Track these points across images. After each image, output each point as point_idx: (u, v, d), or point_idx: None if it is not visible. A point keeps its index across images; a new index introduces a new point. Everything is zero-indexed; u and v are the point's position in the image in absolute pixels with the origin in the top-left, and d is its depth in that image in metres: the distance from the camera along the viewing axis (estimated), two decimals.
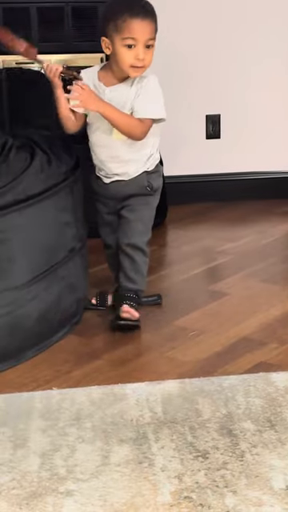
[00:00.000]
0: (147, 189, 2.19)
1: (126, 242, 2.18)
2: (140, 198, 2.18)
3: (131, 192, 2.18)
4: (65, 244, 2.15)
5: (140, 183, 2.18)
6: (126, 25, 1.99)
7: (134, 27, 2.00)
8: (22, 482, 1.45)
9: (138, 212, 2.18)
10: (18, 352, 1.97)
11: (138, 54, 2.02)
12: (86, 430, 1.64)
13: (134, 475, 1.46)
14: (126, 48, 2.01)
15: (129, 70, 2.05)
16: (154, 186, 2.20)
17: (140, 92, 2.09)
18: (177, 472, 1.47)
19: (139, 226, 2.18)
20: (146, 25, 2.02)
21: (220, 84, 3.62)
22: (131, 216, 2.18)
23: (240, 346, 2.08)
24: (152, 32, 2.04)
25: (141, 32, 2.01)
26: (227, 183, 3.70)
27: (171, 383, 1.84)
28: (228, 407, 1.72)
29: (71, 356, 2.03)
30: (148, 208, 2.20)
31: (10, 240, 1.95)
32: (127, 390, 1.81)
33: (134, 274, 2.19)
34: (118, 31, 2.00)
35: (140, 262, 2.20)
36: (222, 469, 1.48)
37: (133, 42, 2.01)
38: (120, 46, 2.01)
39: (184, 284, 2.61)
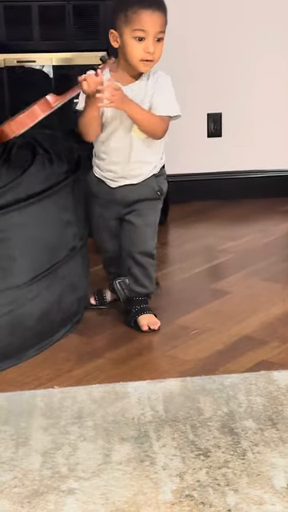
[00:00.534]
0: (158, 193, 2.17)
1: (137, 250, 2.16)
2: (148, 202, 2.16)
3: (140, 197, 2.15)
4: (66, 243, 2.15)
5: (150, 187, 2.15)
6: (136, 16, 1.96)
7: (145, 19, 1.96)
8: (24, 480, 1.46)
9: (146, 217, 2.16)
10: (19, 351, 1.97)
11: (148, 47, 1.98)
12: (87, 428, 1.64)
13: (136, 473, 1.46)
14: (136, 40, 1.98)
15: (138, 63, 2.01)
16: (164, 190, 2.19)
17: (155, 88, 2.06)
18: (178, 470, 1.47)
19: (149, 232, 2.17)
20: (157, 17, 1.99)
21: (221, 82, 3.62)
22: (139, 221, 2.15)
23: (241, 344, 2.08)
24: (162, 25, 2.01)
25: (151, 24, 1.97)
26: (229, 181, 3.71)
27: (173, 382, 1.84)
28: (229, 406, 1.72)
29: (72, 355, 2.03)
30: (155, 212, 2.19)
31: (10, 239, 1.95)
32: (129, 389, 1.81)
33: (145, 279, 2.20)
34: (128, 23, 1.97)
35: (149, 266, 2.21)
36: (224, 467, 1.48)
37: (143, 35, 1.97)
38: (129, 38, 1.98)
39: (185, 283, 2.61)
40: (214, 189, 3.69)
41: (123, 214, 2.18)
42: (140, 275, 2.19)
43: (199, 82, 3.60)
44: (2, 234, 1.94)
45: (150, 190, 2.16)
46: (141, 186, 2.15)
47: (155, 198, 2.18)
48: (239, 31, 3.59)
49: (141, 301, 2.21)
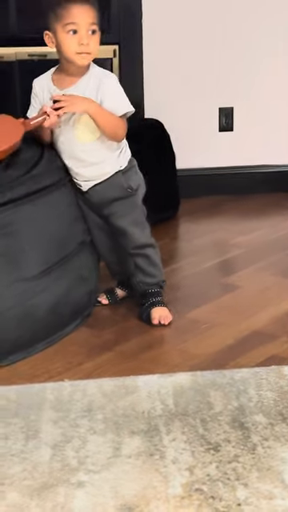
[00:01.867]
0: (128, 190, 2.15)
1: (132, 247, 2.18)
2: (123, 201, 2.15)
3: (113, 196, 2.14)
4: (75, 237, 2.15)
5: (119, 185, 2.13)
6: (65, 11, 1.95)
7: (75, 12, 1.95)
8: (34, 472, 1.46)
9: (128, 216, 2.16)
10: (29, 344, 1.97)
11: (82, 39, 1.96)
12: (97, 421, 1.64)
13: (145, 467, 1.46)
14: (69, 35, 1.96)
15: (75, 57, 1.99)
16: (134, 186, 2.16)
17: (102, 93, 2.02)
18: (188, 464, 1.47)
19: (135, 229, 2.17)
20: (86, 10, 1.97)
21: (233, 77, 3.60)
22: (123, 223, 2.15)
23: (252, 339, 2.07)
24: (93, 17, 1.98)
25: (81, 16, 1.96)
26: (240, 176, 3.69)
27: (183, 376, 1.84)
28: (240, 400, 1.71)
29: (83, 348, 2.03)
30: (134, 208, 2.17)
31: (20, 232, 1.95)
32: (139, 383, 1.81)
33: (151, 268, 2.20)
34: (59, 19, 1.96)
35: (152, 254, 2.20)
36: (234, 461, 1.47)
37: (75, 27, 1.96)
38: (62, 33, 1.97)
39: (196, 277, 2.60)
40: (225, 183, 3.68)
41: (106, 215, 2.18)
42: (145, 265, 2.19)
43: (211, 76, 3.59)
44: (12, 227, 1.94)
45: (120, 189, 2.14)
46: (109, 184, 2.13)
47: (128, 196, 2.15)
48: (251, 25, 3.56)
49: (154, 293, 2.21)
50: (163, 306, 2.19)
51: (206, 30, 3.54)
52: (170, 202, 3.34)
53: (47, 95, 2.08)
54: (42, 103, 2.09)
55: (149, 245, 2.20)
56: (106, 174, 2.13)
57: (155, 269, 2.21)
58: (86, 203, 2.19)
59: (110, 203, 2.15)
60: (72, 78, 2.06)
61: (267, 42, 3.58)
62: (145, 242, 2.19)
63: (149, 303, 2.19)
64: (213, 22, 3.54)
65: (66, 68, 2.06)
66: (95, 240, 2.26)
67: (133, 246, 2.18)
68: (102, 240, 2.25)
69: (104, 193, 2.14)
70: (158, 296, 2.21)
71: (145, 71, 3.53)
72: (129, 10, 3.45)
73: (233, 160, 3.68)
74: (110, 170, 2.13)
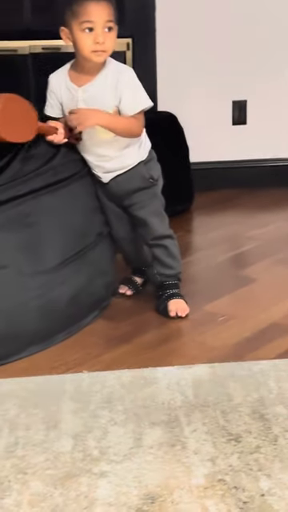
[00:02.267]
0: (150, 181, 2.16)
1: (151, 237, 2.18)
2: (144, 192, 2.16)
3: (134, 187, 2.15)
4: (93, 228, 2.15)
5: (141, 175, 2.14)
6: (82, 8, 1.94)
7: (91, 9, 1.94)
8: (56, 462, 1.46)
9: (148, 207, 2.16)
10: (49, 335, 1.98)
11: (97, 37, 1.95)
12: (117, 412, 1.64)
13: (168, 457, 1.46)
14: (85, 33, 1.95)
15: (91, 55, 1.98)
16: (155, 176, 2.18)
17: (120, 91, 2.02)
18: (210, 455, 1.47)
19: (155, 220, 2.17)
20: (103, 7, 1.95)
21: (247, 70, 3.59)
22: (143, 214, 2.16)
23: (269, 331, 2.07)
24: (109, 14, 1.96)
25: (97, 14, 1.94)
26: (253, 169, 3.68)
27: (202, 367, 1.84)
28: (260, 392, 1.71)
29: (101, 339, 2.03)
30: (155, 199, 2.19)
31: (40, 223, 1.96)
32: (158, 374, 1.81)
33: (169, 259, 2.20)
34: (75, 16, 1.95)
35: (170, 246, 2.21)
36: (256, 452, 1.47)
37: (91, 25, 1.95)
38: (78, 31, 1.96)
39: (212, 270, 2.60)
40: (238, 177, 3.67)
41: (126, 206, 2.18)
42: (163, 256, 2.20)
43: (224, 69, 3.58)
44: (32, 218, 1.94)
45: (142, 179, 2.15)
46: (131, 175, 2.14)
47: (149, 186, 2.17)
48: (265, 18, 3.55)
49: (171, 285, 2.21)
50: (180, 299, 2.19)
51: (219, 23, 3.52)
52: (184, 195, 3.34)
53: (65, 92, 2.08)
54: (59, 99, 2.09)
55: (167, 236, 2.21)
56: (127, 166, 2.14)
57: (173, 260, 2.21)
58: (106, 194, 2.20)
59: (131, 194, 2.15)
60: (89, 76, 2.05)
61: (281, 35, 3.57)
62: (164, 232, 2.19)
63: (166, 295, 2.19)
64: (227, 16, 3.52)
65: (83, 65, 2.05)
66: (114, 231, 2.26)
67: (152, 236, 2.18)
68: (120, 230, 2.26)
69: (126, 183, 2.15)
70: (175, 288, 2.21)
71: (158, 64, 3.53)
72: (142, 3, 3.44)
73: (246, 153, 3.67)
74: (132, 162, 2.14)
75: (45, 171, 2.01)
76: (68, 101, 2.07)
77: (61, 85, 2.09)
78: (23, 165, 1.99)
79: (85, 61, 2.03)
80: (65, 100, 2.08)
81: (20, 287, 1.89)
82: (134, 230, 2.24)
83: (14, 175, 1.96)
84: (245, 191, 3.58)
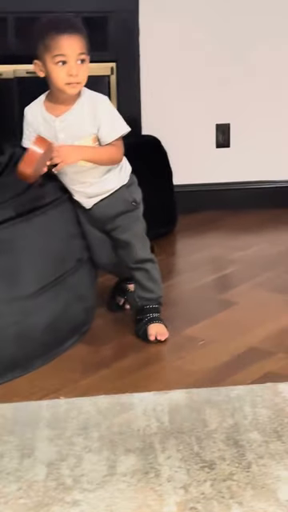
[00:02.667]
0: (133, 204, 2.18)
1: (133, 261, 2.20)
2: (127, 215, 2.18)
3: (117, 211, 2.17)
4: (73, 254, 2.16)
5: (123, 199, 2.16)
6: (54, 42, 1.96)
7: (63, 43, 1.96)
8: (29, 491, 1.46)
9: (132, 230, 2.18)
10: (26, 361, 1.98)
11: (71, 70, 1.97)
12: (92, 439, 1.64)
13: (140, 485, 1.47)
14: (58, 66, 1.98)
15: (65, 87, 2.00)
16: (138, 199, 2.20)
17: (98, 119, 2.05)
18: (183, 482, 1.47)
19: (138, 243, 2.19)
20: (75, 40, 1.98)
21: (230, 93, 3.63)
22: (126, 237, 2.18)
23: (248, 355, 2.08)
24: (82, 47, 1.99)
25: (70, 47, 1.97)
26: (237, 192, 3.70)
27: (178, 393, 1.84)
28: (235, 418, 1.71)
29: (79, 365, 2.04)
30: (138, 222, 2.21)
31: (18, 250, 1.97)
32: (134, 400, 1.81)
33: (150, 283, 2.22)
34: (48, 50, 1.97)
35: (151, 269, 2.22)
36: (228, 480, 1.48)
37: (63, 59, 1.97)
38: (52, 64, 1.98)
39: (193, 293, 2.61)
40: (222, 199, 3.69)
41: (108, 230, 2.20)
42: (144, 279, 2.21)
43: (207, 92, 3.61)
44: (10, 245, 1.95)
45: (125, 203, 2.17)
46: (114, 199, 2.16)
47: (132, 209, 2.19)
48: (247, 42, 3.59)
49: (152, 309, 2.22)
50: (160, 323, 2.20)
51: (202, 47, 3.56)
52: (167, 217, 3.35)
53: (42, 123, 2.09)
54: (36, 131, 2.09)
55: (149, 259, 2.22)
56: (109, 191, 2.16)
57: (154, 284, 2.23)
58: (89, 220, 2.21)
59: (114, 218, 2.17)
60: (65, 105, 2.07)
61: (263, 58, 3.61)
62: (145, 256, 2.21)
63: (146, 319, 2.20)
64: (210, 40, 3.57)
65: (57, 96, 2.07)
66: (96, 256, 2.28)
67: (134, 260, 2.20)
68: (103, 256, 2.27)
69: (109, 208, 2.17)
70: (155, 312, 2.22)
71: (142, 88, 3.55)
72: (126, 28, 3.48)
73: (230, 176, 3.70)
74: (113, 186, 2.16)
75: (22, 198, 2.02)
76: (46, 131, 2.08)
77: (37, 116, 2.10)
78: (1, 192, 2.00)
79: (59, 92, 2.05)
80: (42, 131, 2.09)
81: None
82: (116, 255, 2.25)
83: None
84: (228, 213, 3.60)
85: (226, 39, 3.58)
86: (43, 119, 2.10)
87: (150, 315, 2.21)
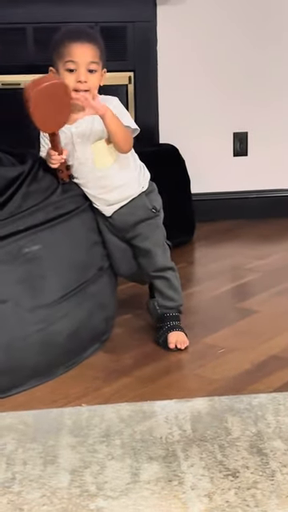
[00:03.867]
0: (152, 211, 2.19)
1: (153, 269, 2.21)
2: (147, 223, 2.19)
3: (138, 218, 2.18)
4: (94, 262, 2.17)
5: (144, 206, 2.18)
6: (66, 49, 2.00)
7: (74, 50, 2.00)
8: (53, 498, 1.46)
9: (152, 238, 2.19)
10: (48, 369, 1.98)
11: (79, 77, 2.00)
12: (115, 447, 1.64)
13: (164, 493, 1.46)
14: (68, 72, 2.01)
15: (73, 94, 2.01)
16: (157, 207, 2.21)
17: None
18: (207, 491, 1.46)
19: (158, 251, 2.20)
20: (87, 48, 2.01)
21: (247, 102, 3.64)
22: (147, 245, 2.19)
23: (269, 364, 2.07)
24: (94, 56, 2.02)
25: (81, 55, 2.00)
26: (255, 200, 3.71)
27: (200, 401, 1.84)
28: (258, 426, 1.71)
29: (101, 373, 2.04)
30: (158, 230, 2.22)
31: (41, 258, 1.98)
32: (156, 408, 1.81)
33: (170, 291, 2.22)
34: (60, 57, 2.01)
35: (172, 278, 2.23)
36: (253, 488, 1.47)
37: (73, 66, 2.00)
38: (62, 70, 2.02)
39: (212, 301, 2.60)
40: (240, 208, 3.69)
41: (129, 238, 2.21)
42: (164, 288, 2.22)
43: (225, 101, 3.62)
44: (33, 253, 1.96)
45: (145, 210, 2.18)
46: (134, 206, 2.17)
47: (152, 217, 2.20)
48: (265, 50, 3.60)
49: (172, 317, 2.22)
50: (180, 331, 2.20)
51: (220, 56, 3.58)
52: (185, 226, 3.36)
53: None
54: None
55: (169, 267, 2.23)
56: (129, 197, 2.17)
57: (175, 292, 2.23)
58: (110, 228, 2.22)
59: (134, 225, 2.19)
60: (78, 112, 2.08)
61: (281, 67, 3.62)
62: (166, 264, 2.22)
63: (166, 327, 2.20)
64: (227, 48, 3.58)
65: None
66: (116, 266, 2.28)
67: (154, 268, 2.20)
68: (123, 266, 2.28)
69: (129, 215, 2.18)
70: (175, 320, 2.22)
71: (160, 97, 3.58)
72: (144, 38, 3.50)
73: (247, 184, 3.70)
74: (133, 191, 2.17)
75: (45, 206, 2.04)
76: (62, 139, 2.10)
77: None
78: (24, 200, 2.02)
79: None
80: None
81: (20, 321, 1.90)
82: (136, 263, 2.26)
83: (14, 210, 1.99)
84: (246, 222, 3.60)
85: (243, 49, 3.59)
86: None
87: (170, 323, 2.21)
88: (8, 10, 3.32)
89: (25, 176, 2.06)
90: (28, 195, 2.03)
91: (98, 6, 3.38)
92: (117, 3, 3.39)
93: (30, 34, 3.39)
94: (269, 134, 3.68)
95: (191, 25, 3.53)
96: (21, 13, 3.34)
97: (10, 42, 3.39)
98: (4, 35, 3.37)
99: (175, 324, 2.21)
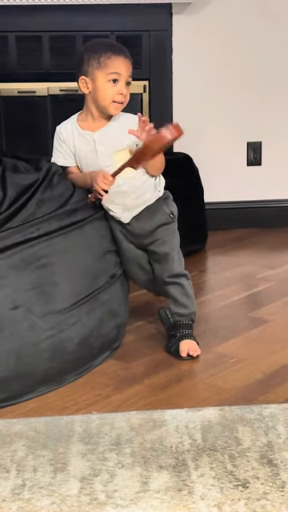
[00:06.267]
0: (170, 216, 2.21)
1: (168, 274, 2.22)
2: (165, 228, 2.21)
3: (156, 223, 2.20)
4: (106, 270, 2.18)
5: (162, 211, 2.20)
6: (110, 61, 2.07)
7: (119, 63, 2.08)
8: (62, 506, 1.46)
9: (168, 243, 2.21)
10: (59, 375, 1.99)
11: (122, 89, 2.08)
12: (125, 455, 1.64)
13: (174, 502, 1.46)
14: (110, 83, 2.07)
15: (110, 105, 2.09)
16: (175, 212, 2.24)
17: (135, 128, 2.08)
18: (216, 501, 1.46)
19: (175, 256, 2.21)
20: (128, 63, 2.10)
21: (261, 112, 3.64)
22: (164, 249, 2.20)
23: (281, 373, 2.06)
24: (131, 70, 2.12)
25: (125, 68, 2.09)
26: (268, 210, 3.70)
27: (211, 410, 1.83)
28: (268, 436, 1.70)
29: (111, 380, 2.04)
30: (175, 235, 2.24)
31: (54, 264, 1.98)
32: (166, 416, 1.81)
33: (184, 298, 2.23)
34: (103, 67, 2.07)
35: (186, 285, 2.23)
36: (263, 499, 1.46)
37: (117, 77, 2.07)
38: (104, 81, 2.07)
39: (224, 310, 2.60)
40: (253, 217, 3.69)
41: (147, 244, 2.23)
42: (178, 295, 2.22)
43: (239, 111, 3.63)
44: (46, 260, 1.97)
45: (163, 214, 2.21)
46: (153, 211, 2.20)
47: (170, 222, 2.22)
48: (280, 60, 3.60)
49: (185, 325, 2.22)
50: (192, 339, 2.20)
51: (234, 65, 3.58)
52: (198, 234, 3.36)
53: (78, 139, 2.16)
54: (70, 149, 2.17)
55: (184, 274, 2.24)
56: (146, 202, 2.19)
57: (188, 300, 2.23)
58: (127, 236, 2.24)
59: (153, 231, 2.20)
60: (101, 123, 2.14)
61: None
62: (180, 271, 2.23)
63: (179, 335, 2.20)
64: (242, 58, 3.59)
65: (94, 114, 2.14)
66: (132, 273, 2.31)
67: (169, 273, 2.21)
68: (139, 272, 2.30)
69: (148, 220, 2.20)
70: (188, 328, 2.22)
71: (174, 106, 3.58)
72: (159, 46, 3.51)
73: (261, 194, 3.70)
74: (150, 196, 2.19)
75: (59, 214, 2.05)
76: (82, 146, 2.14)
77: (73, 133, 2.17)
78: (38, 207, 2.03)
79: (97, 111, 2.12)
80: (78, 147, 2.15)
81: (31, 327, 1.91)
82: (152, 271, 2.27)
83: (28, 217, 2.00)
84: (258, 231, 3.60)
85: (257, 58, 3.60)
86: (79, 135, 2.15)
87: (182, 331, 2.21)
88: (24, 19, 3.35)
89: (39, 183, 2.07)
90: (42, 202, 2.05)
91: (114, 14, 3.40)
92: (132, 12, 3.41)
93: (45, 42, 3.41)
94: (283, 144, 3.67)
95: (206, 34, 3.54)
96: (37, 21, 3.37)
97: (25, 50, 3.41)
98: (20, 43, 3.40)
99: (187, 332, 2.21)
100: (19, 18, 3.35)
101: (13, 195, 2.01)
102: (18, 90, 3.45)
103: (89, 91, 2.11)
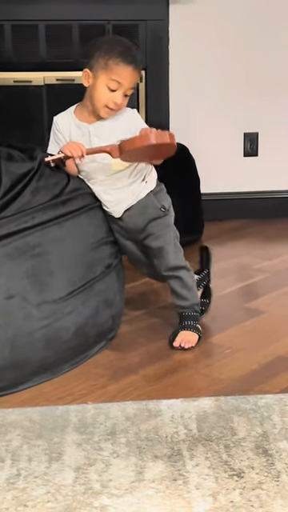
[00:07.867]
0: (161, 210, 2.20)
1: (165, 268, 2.21)
2: (157, 222, 2.19)
3: (148, 217, 2.19)
4: (102, 260, 2.17)
5: (152, 205, 2.19)
6: (117, 67, 2.03)
7: (124, 73, 2.04)
8: (57, 495, 1.46)
9: (163, 237, 2.20)
10: (54, 365, 1.98)
11: (116, 99, 2.05)
12: (120, 445, 1.64)
13: (169, 492, 1.46)
14: (108, 89, 2.05)
15: (102, 108, 2.07)
16: (166, 206, 2.22)
17: (134, 124, 2.10)
18: (211, 490, 1.46)
19: (170, 249, 2.20)
20: (134, 74, 2.06)
21: (258, 102, 3.62)
22: (158, 243, 2.20)
23: (276, 364, 2.06)
24: (135, 81, 2.08)
25: (128, 79, 2.05)
26: (264, 201, 3.70)
27: (206, 400, 1.83)
28: (264, 426, 1.70)
29: (107, 371, 2.04)
30: (169, 228, 2.22)
31: (49, 253, 1.98)
32: (162, 406, 1.81)
33: (184, 291, 2.22)
34: (108, 70, 2.03)
35: (185, 277, 2.22)
36: (258, 488, 1.46)
37: (117, 86, 2.04)
38: (103, 84, 2.05)
39: (220, 301, 2.60)
40: (249, 208, 3.68)
41: (141, 239, 2.22)
42: (178, 287, 2.22)
43: (236, 101, 3.61)
44: (41, 249, 1.96)
45: (153, 209, 2.19)
46: (143, 207, 2.18)
47: (162, 216, 2.20)
48: (277, 50, 3.59)
49: (188, 316, 2.22)
50: (191, 331, 2.19)
51: (232, 55, 3.57)
52: (194, 225, 3.35)
53: (74, 130, 2.15)
54: (65, 139, 2.15)
55: (182, 267, 2.23)
56: (136, 195, 2.17)
57: (189, 292, 2.23)
58: (122, 233, 2.24)
59: (145, 226, 2.19)
60: (97, 115, 2.13)
61: None
62: (178, 263, 2.22)
63: (181, 326, 2.21)
64: (239, 48, 3.57)
65: (88, 107, 2.13)
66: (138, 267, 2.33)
67: (166, 267, 2.21)
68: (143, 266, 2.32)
69: (139, 215, 2.19)
70: (191, 319, 2.21)
71: (171, 96, 3.57)
72: (156, 36, 3.50)
73: (257, 185, 3.69)
74: (140, 189, 2.18)
75: (54, 203, 2.04)
76: (79, 137, 2.13)
77: (70, 124, 2.16)
78: (33, 196, 2.02)
79: (93, 108, 2.12)
80: (74, 137, 2.14)
81: (26, 317, 1.90)
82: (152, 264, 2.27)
83: (23, 206, 1.99)
84: (255, 222, 3.59)
85: (254, 49, 3.58)
86: (76, 126, 2.15)
87: (184, 322, 2.21)
88: (20, 7, 3.33)
89: (34, 172, 2.06)
90: (37, 191, 2.03)
91: (111, 3, 3.37)
92: (129, 1, 3.39)
93: (41, 32, 3.39)
94: (279, 135, 3.67)
95: (203, 24, 3.53)
96: (33, 10, 3.35)
97: (21, 39, 3.39)
98: (16, 32, 3.37)
99: (189, 324, 2.21)
100: (15, 7, 3.32)
101: (7, 184, 2.00)
102: (14, 79, 3.43)
103: (88, 85, 2.09)
